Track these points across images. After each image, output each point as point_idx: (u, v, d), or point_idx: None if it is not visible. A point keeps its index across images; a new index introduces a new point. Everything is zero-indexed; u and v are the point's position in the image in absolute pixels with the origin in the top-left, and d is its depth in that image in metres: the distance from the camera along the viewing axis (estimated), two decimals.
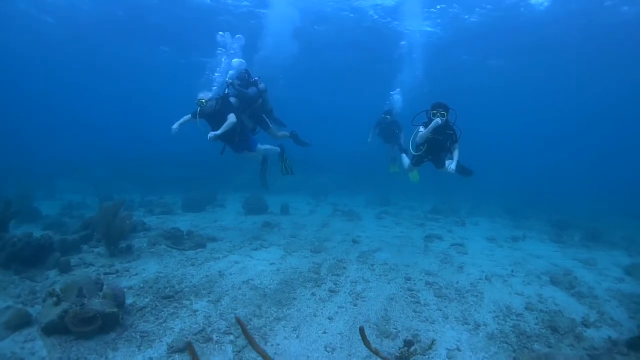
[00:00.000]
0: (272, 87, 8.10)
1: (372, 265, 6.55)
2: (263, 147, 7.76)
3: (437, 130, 6.30)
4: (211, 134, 6.80)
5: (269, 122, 8.04)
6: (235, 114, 6.95)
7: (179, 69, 24.97)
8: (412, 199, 15.65)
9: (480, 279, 6.29)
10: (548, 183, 24.22)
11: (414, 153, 6.88)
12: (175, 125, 6.88)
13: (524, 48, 18.70)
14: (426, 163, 7.19)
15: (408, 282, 5.90)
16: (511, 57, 20.24)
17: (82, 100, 36.25)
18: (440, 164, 6.95)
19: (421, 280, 6.02)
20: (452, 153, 6.65)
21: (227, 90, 7.28)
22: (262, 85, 7.73)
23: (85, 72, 27.19)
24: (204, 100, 6.75)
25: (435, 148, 6.72)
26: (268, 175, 8.33)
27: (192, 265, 6.13)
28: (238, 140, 7.13)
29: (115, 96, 35.49)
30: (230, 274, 5.74)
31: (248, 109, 7.64)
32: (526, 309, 5.30)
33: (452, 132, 6.51)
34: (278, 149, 8.17)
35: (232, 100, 7.24)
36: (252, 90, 7.55)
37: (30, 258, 5.62)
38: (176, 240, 7.39)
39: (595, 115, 27.34)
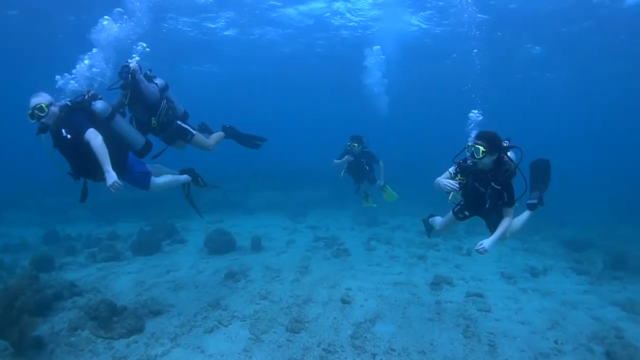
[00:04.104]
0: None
1: (374, 356, 4.70)
2: (160, 180, 5.04)
3: (477, 174, 4.18)
4: (110, 181, 4.07)
5: (189, 129, 5.57)
6: (99, 128, 4.25)
7: None
8: (400, 213, 13.85)
9: None
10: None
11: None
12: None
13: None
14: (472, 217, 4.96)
15: None
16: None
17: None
18: (491, 225, 4.63)
19: None
20: (500, 219, 4.30)
21: (87, 94, 4.47)
22: (159, 81, 5.27)
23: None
24: (43, 105, 4.02)
25: (474, 200, 4.51)
26: (195, 201, 5.81)
27: None
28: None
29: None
30: None
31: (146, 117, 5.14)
32: None
33: (506, 169, 4.10)
34: (184, 177, 5.53)
35: (100, 105, 4.47)
36: (152, 88, 5.07)
37: None
38: (104, 321, 5.36)
39: (594, 105, 26.00)
